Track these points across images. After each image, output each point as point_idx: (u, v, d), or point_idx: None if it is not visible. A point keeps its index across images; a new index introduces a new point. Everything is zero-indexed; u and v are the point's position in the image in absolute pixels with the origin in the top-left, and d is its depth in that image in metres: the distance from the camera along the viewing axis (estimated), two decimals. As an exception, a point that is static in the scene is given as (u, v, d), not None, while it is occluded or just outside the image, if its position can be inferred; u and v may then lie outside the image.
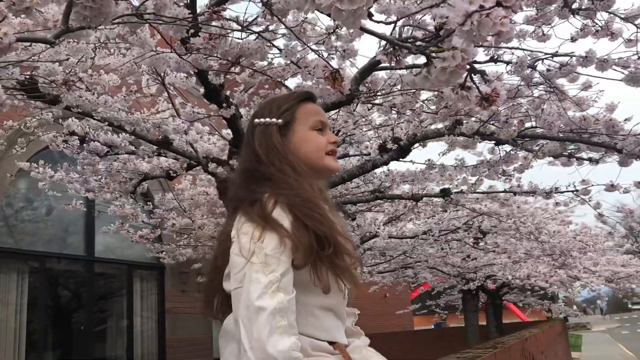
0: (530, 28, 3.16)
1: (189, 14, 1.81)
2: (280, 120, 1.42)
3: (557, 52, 3.00)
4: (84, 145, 5.10)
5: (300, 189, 1.35)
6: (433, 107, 3.98)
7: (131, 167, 5.42)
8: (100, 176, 5.75)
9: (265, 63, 3.31)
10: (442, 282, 13.23)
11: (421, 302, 22.06)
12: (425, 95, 3.68)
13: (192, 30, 1.95)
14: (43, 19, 3.41)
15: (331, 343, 1.36)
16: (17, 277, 6.88)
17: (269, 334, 1.17)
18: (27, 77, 3.63)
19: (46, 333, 7.16)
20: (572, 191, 5.01)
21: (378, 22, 1.01)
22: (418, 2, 1.93)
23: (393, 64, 1.06)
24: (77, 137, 5.10)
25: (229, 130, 5.09)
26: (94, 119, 4.23)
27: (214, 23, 1.88)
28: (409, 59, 2.97)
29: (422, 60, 1.13)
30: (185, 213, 6.17)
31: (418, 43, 1.02)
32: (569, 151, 4.54)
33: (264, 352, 1.16)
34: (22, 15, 3.41)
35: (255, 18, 1.96)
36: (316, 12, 2.34)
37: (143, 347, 8.54)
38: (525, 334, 5.78)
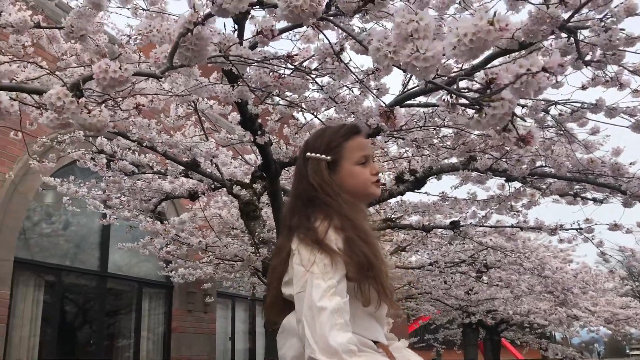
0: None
1: (287, 56, 2.06)
2: (329, 158, 1.65)
3: (569, 99, 3.26)
4: (111, 163, 5.36)
5: (352, 216, 1.58)
6: (449, 143, 4.24)
7: (155, 187, 5.66)
8: (120, 194, 6.00)
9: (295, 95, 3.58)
10: (442, 315, 13.34)
11: (419, 336, 22.02)
12: (444, 131, 3.95)
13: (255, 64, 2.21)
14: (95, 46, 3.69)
15: (375, 343, 1.59)
16: (33, 289, 7.07)
17: (329, 329, 1.40)
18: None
19: (57, 345, 7.30)
20: (576, 229, 5.23)
21: (440, 75, 1.27)
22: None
23: (449, 109, 1.30)
24: (104, 156, 5.36)
25: (251, 155, 5.37)
26: (129, 139, 4.50)
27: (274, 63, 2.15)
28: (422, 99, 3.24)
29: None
30: (202, 233, 6.40)
31: (471, 94, 1.27)
32: (575, 190, 4.78)
33: (326, 344, 1.38)
34: (72, 41, 3.68)
35: (308, 58, 2.22)
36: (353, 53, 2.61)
37: (148, 364, 8.68)
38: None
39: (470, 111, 1.37)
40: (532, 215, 5.54)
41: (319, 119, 3.25)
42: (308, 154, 1.70)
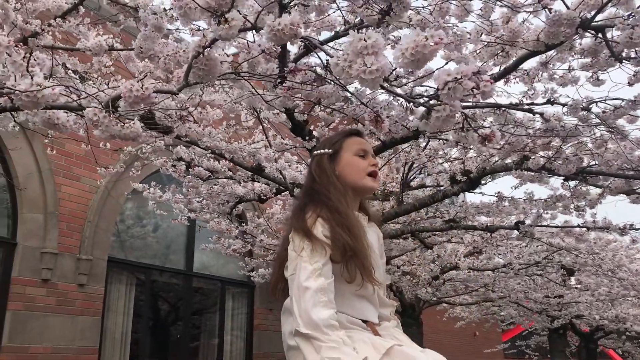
0: (586, 73, 3.45)
1: (277, 67, 2.33)
2: (330, 150, 1.88)
3: (607, 96, 3.27)
4: (189, 170, 5.82)
5: (339, 207, 1.80)
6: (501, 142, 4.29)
7: (229, 191, 6.07)
8: (201, 198, 6.46)
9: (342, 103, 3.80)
10: (530, 321, 12.93)
11: (511, 342, 21.41)
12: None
13: (279, 80, 2.47)
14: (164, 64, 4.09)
15: (365, 321, 1.79)
16: (125, 286, 7.73)
17: (312, 306, 1.62)
18: (147, 110, 4.36)
19: (147, 341, 7.92)
20: (646, 228, 5.07)
21: (392, 85, 1.46)
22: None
23: (408, 112, 1.49)
24: (183, 163, 5.83)
25: (314, 160, 5.65)
26: (200, 147, 4.90)
27: (296, 74, 2.39)
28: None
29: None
30: (274, 234, 6.75)
31: (422, 100, 1.45)
32: (640, 189, 4.66)
33: (309, 319, 1.61)
34: (146, 60, 4.07)
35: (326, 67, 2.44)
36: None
37: (232, 359, 9.17)
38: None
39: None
40: (605, 215, 5.40)
41: (362, 123, 3.45)
42: (315, 152, 1.95)
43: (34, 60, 2.11)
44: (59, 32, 3.81)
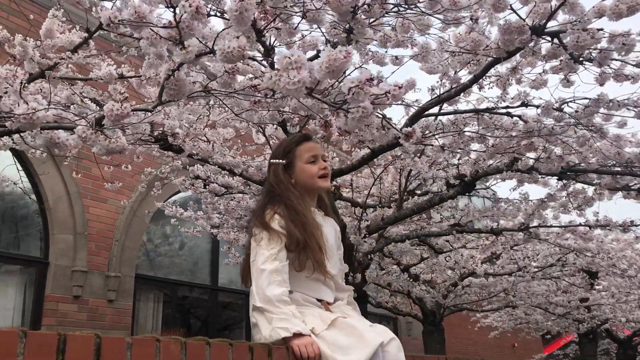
0: (559, 75, 3.66)
1: (252, 86, 2.63)
2: (284, 161, 2.16)
3: (575, 96, 3.48)
4: (206, 187, 6.16)
5: (295, 204, 2.08)
6: (478, 146, 4.49)
7: (244, 205, 6.39)
8: (220, 214, 6.79)
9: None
10: (566, 330, 12.75)
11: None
12: (471, 135, 4.23)
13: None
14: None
15: (320, 300, 2.06)
16: (153, 303, 8.10)
17: (268, 284, 1.91)
18: (160, 132, 4.73)
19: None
20: (646, 224, 5.18)
21: (315, 92, 1.74)
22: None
23: (335, 116, 1.76)
24: (201, 180, 6.18)
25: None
26: (210, 164, 5.24)
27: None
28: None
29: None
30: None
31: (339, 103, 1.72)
32: (639, 185, 4.79)
33: (264, 295, 1.89)
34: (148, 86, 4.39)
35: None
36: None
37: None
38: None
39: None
40: (605, 214, 5.52)
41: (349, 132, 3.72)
42: (271, 160, 2.24)
43: (41, 89, 2.46)
44: (73, 65, 4.20)
